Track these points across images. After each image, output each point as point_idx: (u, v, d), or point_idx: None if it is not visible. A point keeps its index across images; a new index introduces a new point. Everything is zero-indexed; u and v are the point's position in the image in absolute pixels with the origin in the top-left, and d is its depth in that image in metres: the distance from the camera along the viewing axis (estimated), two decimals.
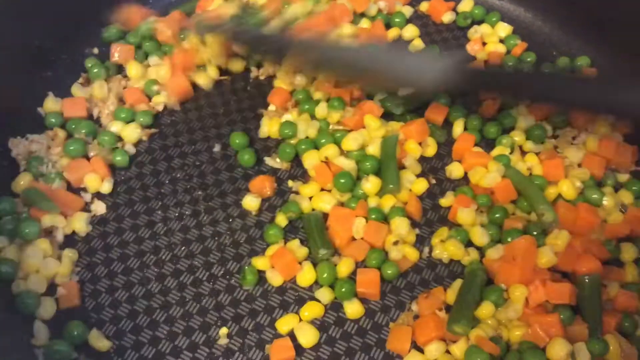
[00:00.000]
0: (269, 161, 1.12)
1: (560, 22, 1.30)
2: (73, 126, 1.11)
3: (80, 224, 1.02)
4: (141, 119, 1.14)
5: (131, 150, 1.12)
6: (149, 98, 1.18)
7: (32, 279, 0.94)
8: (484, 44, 1.29)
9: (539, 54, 1.27)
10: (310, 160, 1.09)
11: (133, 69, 1.19)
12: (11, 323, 0.90)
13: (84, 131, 1.10)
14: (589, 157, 1.11)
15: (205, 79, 1.20)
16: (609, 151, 1.11)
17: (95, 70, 1.18)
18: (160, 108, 1.17)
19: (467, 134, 1.14)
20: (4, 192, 1.02)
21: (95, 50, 1.24)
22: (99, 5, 1.23)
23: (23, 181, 1.03)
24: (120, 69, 1.21)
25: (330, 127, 1.13)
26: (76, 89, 1.17)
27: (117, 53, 1.21)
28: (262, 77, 1.23)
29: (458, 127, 1.15)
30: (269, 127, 1.14)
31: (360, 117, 1.13)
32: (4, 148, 1.06)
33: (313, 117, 1.15)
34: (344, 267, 0.97)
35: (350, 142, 1.09)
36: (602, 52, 1.24)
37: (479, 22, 1.33)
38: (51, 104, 1.13)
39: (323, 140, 1.10)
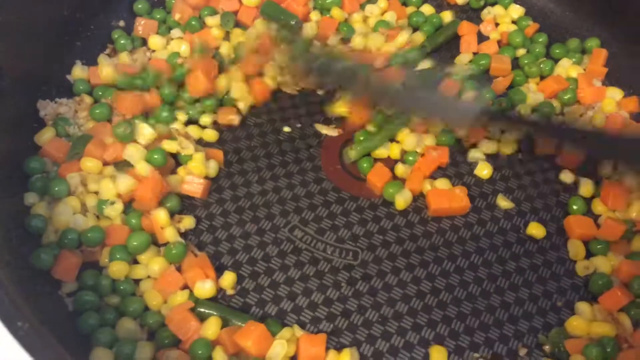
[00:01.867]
0: (319, 127, 1.18)
1: (572, 3, 1.34)
2: (99, 93, 1.16)
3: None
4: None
5: None
6: (173, 68, 1.22)
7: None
8: (497, 24, 1.33)
9: (551, 35, 1.30)
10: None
11: (154, 42, 1.24)
12: (39, 274, 0.94)
13: (109, 97, 1.15)
14: None
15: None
16: (615, 127, 1.15)
17: (122, 42, 1.23)
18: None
19: None
20: (34, 153, 1.06)
21: (122, 23, 1.28)
22: None
23: (46, 135, 1.07)
24: (145, 41, 1.26)
25: None
26: (103, 59, 1.22)
27: (141, 27, 1.26)
28: None
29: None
30: None
31: None
32: (34, 111, 1.11)
33: None
34: None
35: None
36: (613, 34, 1.28)
37: (492, 4, 1.36)
38: (79, 71, 1.18)
39: None
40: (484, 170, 1.12)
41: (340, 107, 1.18)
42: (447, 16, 1.33)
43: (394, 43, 1.24)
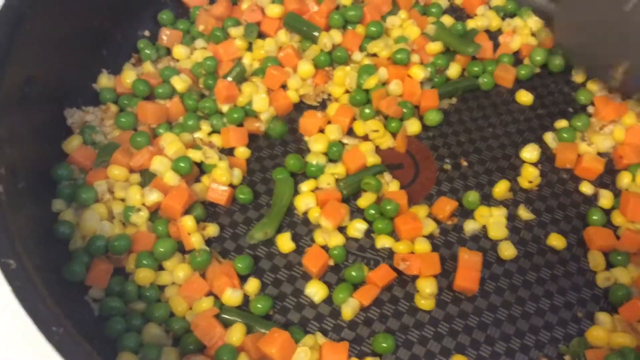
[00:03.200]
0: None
1: None
2: (125, 101, 1.18)
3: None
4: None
5: None
6: (197, 78, 1.24)
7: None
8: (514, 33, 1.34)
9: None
10: None
11: (179, 52, 1.26)
12: (67, 280, 0.96)
13: (134, 106, 1.16)
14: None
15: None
16: (635, 139, 1.16)
17: (147, 52, 1.25)
18: (207, 93, 1.22)
19: None
20: (61, 160, 1.08)
21: (147, 33, 1.31)
22: None
23: (73, 143, 1.09)
24: (169, 51, 1.28)
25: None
26: (128, 68, 1.24)
27: (165, 37, 1.28)
28: None
29: None
30: None
31: None
32: (62, 119, 1.13)
33: None
34: None
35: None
36: None
37: (512, 16, 1.38)
38: (105, 80, 1.21)
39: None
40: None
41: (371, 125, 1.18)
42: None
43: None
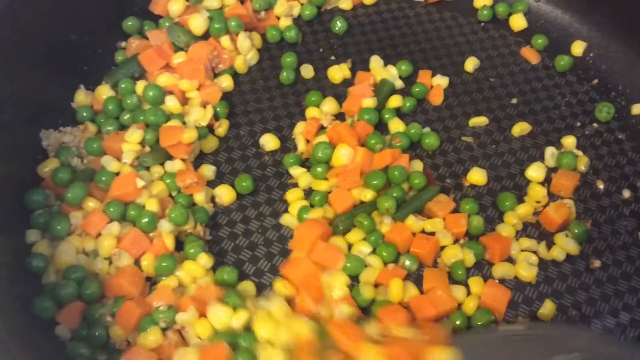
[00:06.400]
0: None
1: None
2: (101, 120, 1.13)
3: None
4: None
5: None
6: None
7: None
8: None
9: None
10: None
11: None
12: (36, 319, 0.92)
13: (110, 127, 1.12)
14: None
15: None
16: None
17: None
18: None
19: None
20: (38, 185, 1.04)
21: (124, 44, 1.25)
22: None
23: (50, 166, 1.05)
24: None
25: None
26: (105, 84, 1.18)
27: (132, 47, 1.22)
28: None
29: None
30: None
31: None
32: (39, 141, 1.09)
33: None
34: None
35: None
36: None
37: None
38: (82, 97, 1.15)
39: None
40: None
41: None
42: None
43: None
